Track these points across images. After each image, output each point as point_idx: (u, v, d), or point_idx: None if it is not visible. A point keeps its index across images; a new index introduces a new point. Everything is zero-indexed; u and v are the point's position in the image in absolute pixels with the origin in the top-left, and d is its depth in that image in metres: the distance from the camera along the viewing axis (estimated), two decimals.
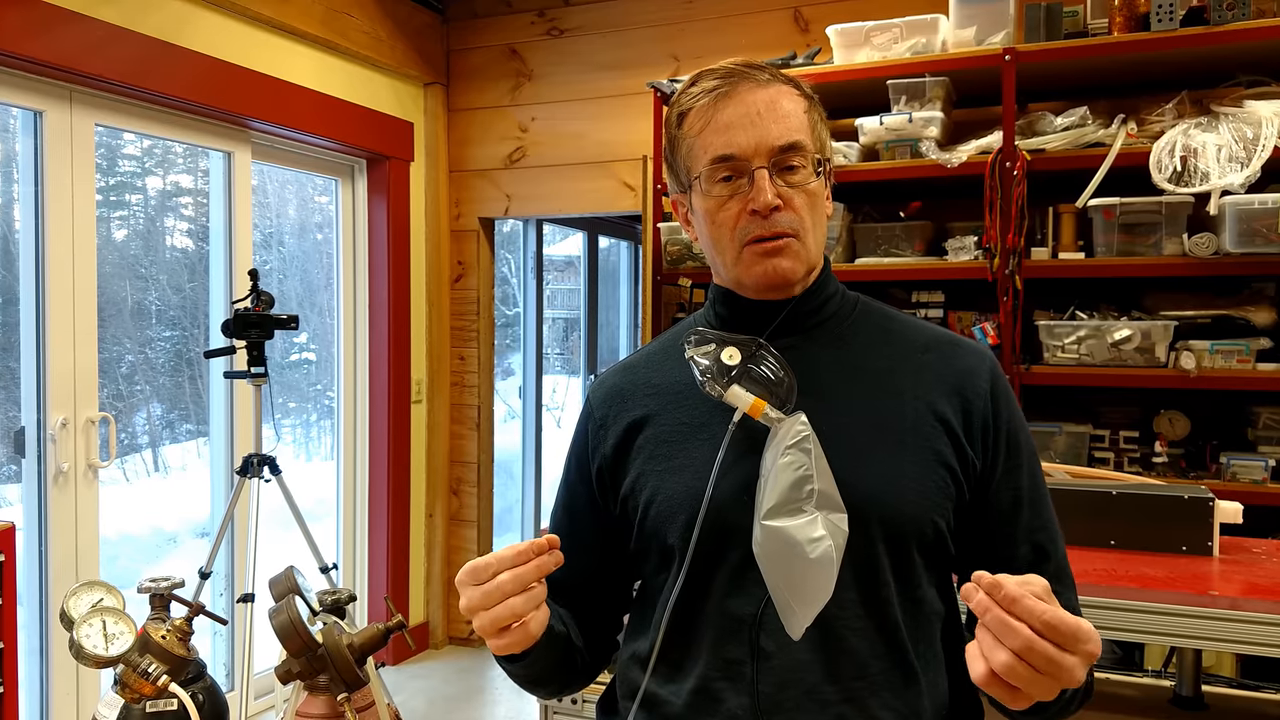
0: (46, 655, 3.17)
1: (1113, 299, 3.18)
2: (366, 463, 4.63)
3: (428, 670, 4.61)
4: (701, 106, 1.15)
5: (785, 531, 0.99)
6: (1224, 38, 2.86)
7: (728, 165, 1.13)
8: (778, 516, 1.00)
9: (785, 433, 1.03)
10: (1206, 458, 3.04)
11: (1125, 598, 1.69)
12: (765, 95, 1.13)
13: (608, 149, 4.51)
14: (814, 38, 3.98)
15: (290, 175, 4.50)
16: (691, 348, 1.13)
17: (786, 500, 1.00)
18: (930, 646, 1.14)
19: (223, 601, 3.87)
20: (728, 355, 1.11)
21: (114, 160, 3.82)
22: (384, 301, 4.58)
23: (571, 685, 1.27)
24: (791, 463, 1.01)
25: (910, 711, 1.10)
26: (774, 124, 1.12)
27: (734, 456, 1.11)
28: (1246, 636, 1.70)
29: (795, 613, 1.01)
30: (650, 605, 1.20)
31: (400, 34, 4.54)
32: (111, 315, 3.61)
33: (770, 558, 1.01)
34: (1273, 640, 1.62)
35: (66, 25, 3.07)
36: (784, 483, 1.01)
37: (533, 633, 1.03)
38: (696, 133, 1.16)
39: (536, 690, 1.26)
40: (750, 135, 1.12)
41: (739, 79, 1.14)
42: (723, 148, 1.13)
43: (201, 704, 1.37)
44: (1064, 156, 3.05)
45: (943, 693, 1.15)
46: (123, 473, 3.91)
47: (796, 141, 1.13)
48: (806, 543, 0.98)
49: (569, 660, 1.23)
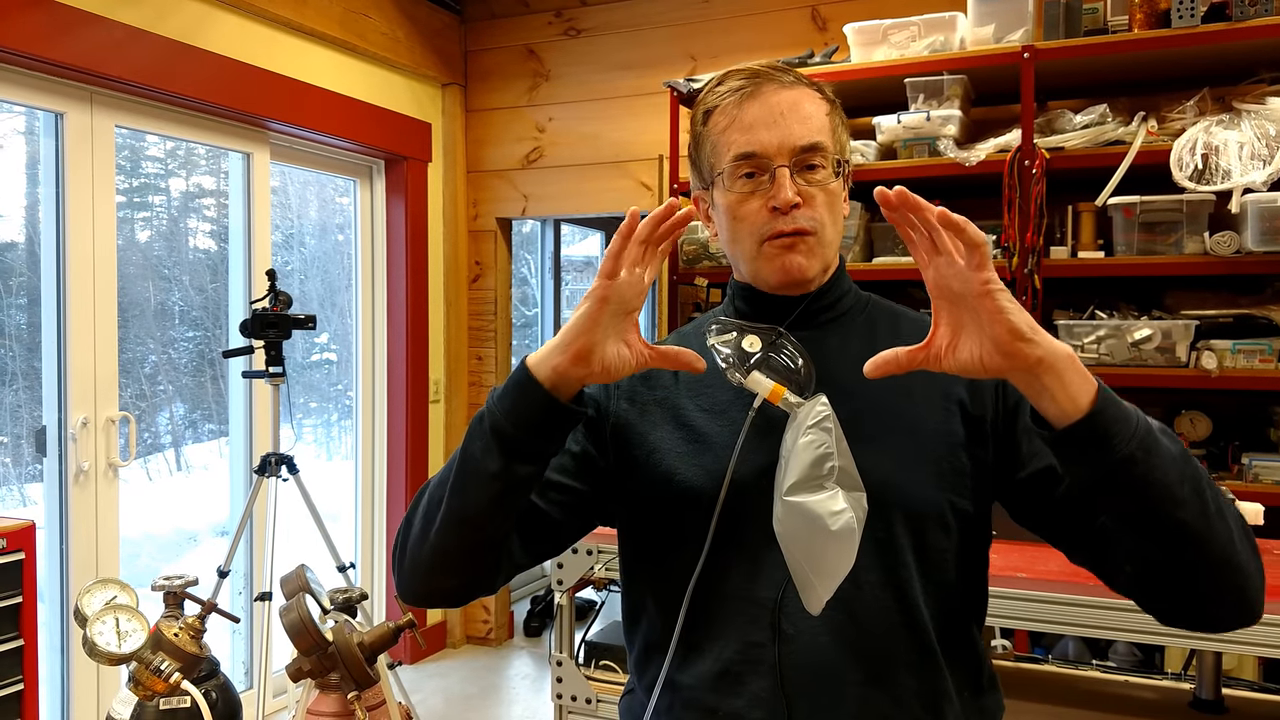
0: (68, 652, 3.20)
1: (1133, 298, 3.15)
2: (385, 462, 4.65)
3: (445, 669, 4.63)
4: (727, 105, 1.19)
5: (806, 506, 1.00)
6: (1246, 34, 2.83)
7: (750, 163, 1.16)
8: (799, 492, 1.01)
9: (806, 413, 1.05)
10: (1228, 458, 3.00)
11: None
12: (789, 96, 1.17)
13: (624, 149, 4.51)
14: (832, 36, 3.97)
15: (311, 176, 4.52)
16: (713, 336, 1.15)
17: (808, 477, 1.01)
18: (954, 628, 1.16)
19: (241, 600, 3.90)
20: (749, 343, 1.14)
21: (137, 162, 3.85)
22: (402, 301, 4.60)
23: (477, 571, 1.14)
24: (813, 441, 1.03)
25: (932, 692, 1.12)
26: (797, 124, 1.15)
27: (753, 441, 1.14)
28: (1268, 639, 1.68)
29: (815, 588, 1.02)
30: (655, 590, 1.20)
31: (418, 35, 4.56)
32: (134, 315, 3.64)
33: (791, 534, 1.02)
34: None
35: (87, 27, 3.09)
36: (805, 460, 1.02)
37: (600, 354, 1.03)
38: (721, 130, 1.19)
39: (463, 533, 1.10)
40: (773, 134, 1.15)
41: (764, 80, 1.18)
42: (746, 145, 1.16)
43: (214, 702, 1.38)
44: (1083, 155, 3.02)
45: (966, 674, 1.16)
46: (145, 472, 3.94)
47: (818, 142, 1.16)
48: (828, 515, 1.00)
49: (503, 534, 1.13)
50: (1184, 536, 0.95)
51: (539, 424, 1.05)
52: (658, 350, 1.06)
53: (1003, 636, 2.50)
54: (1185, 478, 0.95)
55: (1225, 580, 0.98)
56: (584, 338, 1.02)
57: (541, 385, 1.03)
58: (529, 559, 1.22)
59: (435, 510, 1.10)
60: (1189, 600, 1.01)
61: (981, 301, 0.90)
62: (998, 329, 0.91)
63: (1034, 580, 1.91)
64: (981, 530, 1.19)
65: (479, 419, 1.08)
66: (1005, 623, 1.94)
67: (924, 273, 0.95)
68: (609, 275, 1.01)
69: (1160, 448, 0.94)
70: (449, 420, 4.90)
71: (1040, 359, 0.91)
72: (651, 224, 1.01)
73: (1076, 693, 2.13)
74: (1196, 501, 0.95)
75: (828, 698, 1.09)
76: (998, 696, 1.22)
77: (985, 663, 1.21)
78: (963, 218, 0.90)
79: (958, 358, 0.95)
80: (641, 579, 1.24)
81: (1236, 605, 1.00)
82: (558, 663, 2.36)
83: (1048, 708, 2.07)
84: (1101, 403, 0.93)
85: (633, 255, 1.01)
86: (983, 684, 1.20)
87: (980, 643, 1.21)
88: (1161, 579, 1.01)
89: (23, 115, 3.25)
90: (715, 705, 1.14)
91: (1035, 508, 1.15)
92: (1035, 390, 0.94)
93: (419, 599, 1.17)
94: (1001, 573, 1.94)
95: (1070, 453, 0.95)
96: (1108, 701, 2.10)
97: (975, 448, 1.15)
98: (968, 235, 0.89)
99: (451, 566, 1.12)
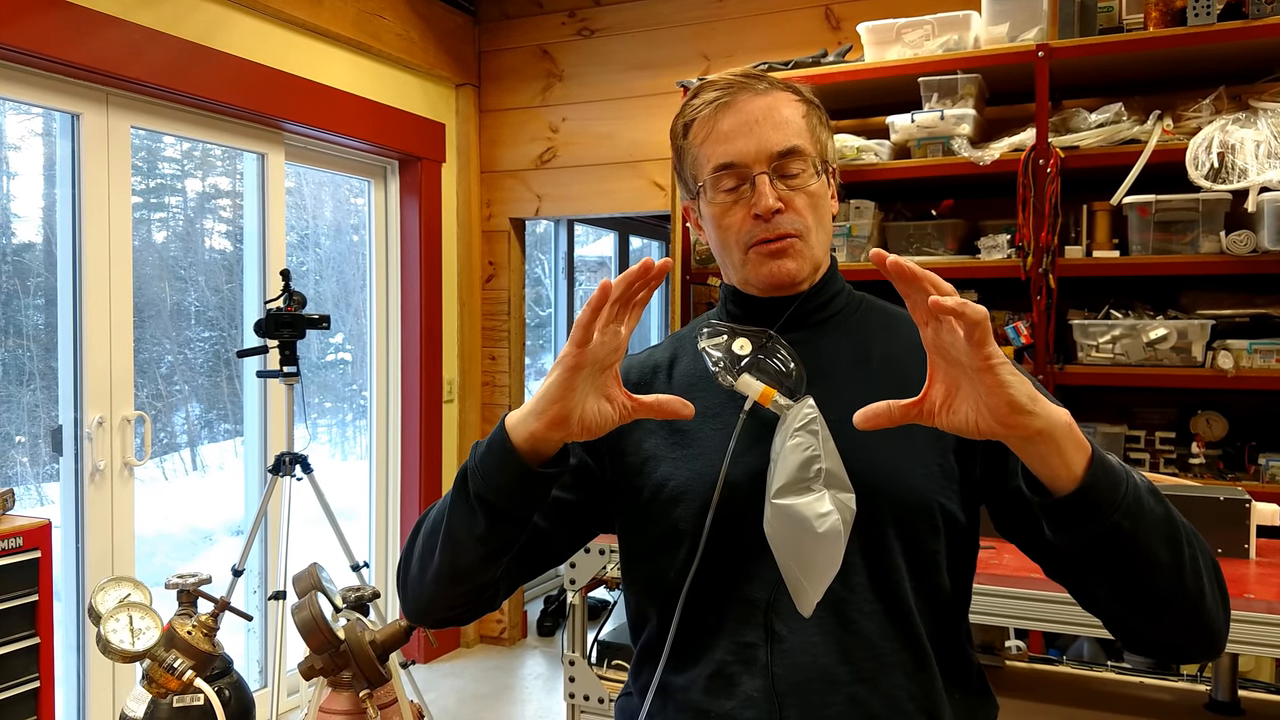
0: (83, 650, 3.22)
1: (1148, 298, 3.13)
2: (399, 461, 4.66)
3: (458, 668, 4.64)
4: (704, 117, 1.20)
5: (794, 509, 1.01)
6: (1263, 31, 2.81)
7: (730, 173, 1.18)
8: (786, 495, 1.02)
9: (794, 416, 1.05)
10: (1245, 459, 2.98)
11: None
12: (763, 103, 1.18)
13: (638, 149, 4.51)
14: (845, 35, 3.95)
15: (326, 177, 4.54)
16: (704, 339, 1.15)
17: (795, 480, 1.02)
18: (944, 629, 1.16)
19: (256, 599, 3.91)
20: (739, 346, 1.14)
21: (154, 163, 3.87)
22: (416, 301, 4.61)
23: (476, 603, 1.17)
24: (800, 444, 1.03)
25: (924, 693, 1.12)
26: (772, 131, 1.17)
27: (746, 444, 1.14)
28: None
29: (806, 590, 1.03)
30: (648, 595, 1.21)
31: (432, 35, 4.57)
32: (151, 316, 3.66)
33: (780, 536, 1.03)
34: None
35: (103, 29, 3.11)
36: (792, 463, 1.03)
37: (578, 416, 1.00)
38: (700, 142, 1.21)
39: (456, 582, 1.13)
40: (749, 142, 1.16)
41: (738, 89, 1.19)
42: (724, 156, 1.17)
43: (227, 699, 1.38)
44: (1098, 153, 3.01)
45: (956, 675, 1.17)
46: (161, 471, 3.96)
47: (795, 146, 1.17)
48: (814, 518, 1.00)
49: (498, 575, 1.15)
50: (1157, 596, 0.98)
51: (518, 490, 1.05)
52: (640, 402, 1.04)
53: (1017, 637, 2.49)
54: (1167, 539, 0.97)
55: (1191, 629, 1.01)
56: (558, 405, 1.00)
57: (519, 453, 1.03)
58: (530, 575, 1.25)
59: (429, 560, 1.13)
60: (1155, 641, 1.05)
61: (982, 376, 0.89)
62: (996, 400, 0.89)
63: (1048, 580, 1.90)
64: (970, 534, 1.19)
65: (463, 477, 1.08)
66: (1019, 623, 1.93)
67: (922, 331, 0.92)
68: (580, 344, 0.97)
69: (1146, 513, 0.96)
70: (462, 420, 4.91)
71: (1039, 430, 0.91)
72: (624, 284, 0.97)
73: (1091, 694, 2.12)
74: (1174, 565, 0.97)
75: (819, 698, 1.10)
76: (991, 698, 1.22)
77: (975, 664, 1.22)
78: (958, 299, 0.86)
79: (952, 419, 0.93)
80: (637, 583, 1.25)
81: (1200, 646, 1.04)
82: (570, 662, 2.37)
83: (1062, 709, 2.06)
84: (1094, 471, 0.94)
85: (605, 318, 0.98)
86: (972, 685, 1.20)
87: (969, 645, 1.21)
88: (1131, 622, 1.04)
89: (40, 117, 3.28)
90: (708, 707, 1.14)
91: (1017, 521, 1.16)
92: (1030, 456, 0.94)
93: (425, 625, 1.22)
94: (1016, 574, 1.93)
95: (1060, 521, 0.96)
96: (1123, 703, 2.08)
97: (965, 452, 1.15)
98: (967, 317, 0.86)
99: (449, 605, 1.17)
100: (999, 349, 0.89)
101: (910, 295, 0.91)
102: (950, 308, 0.85)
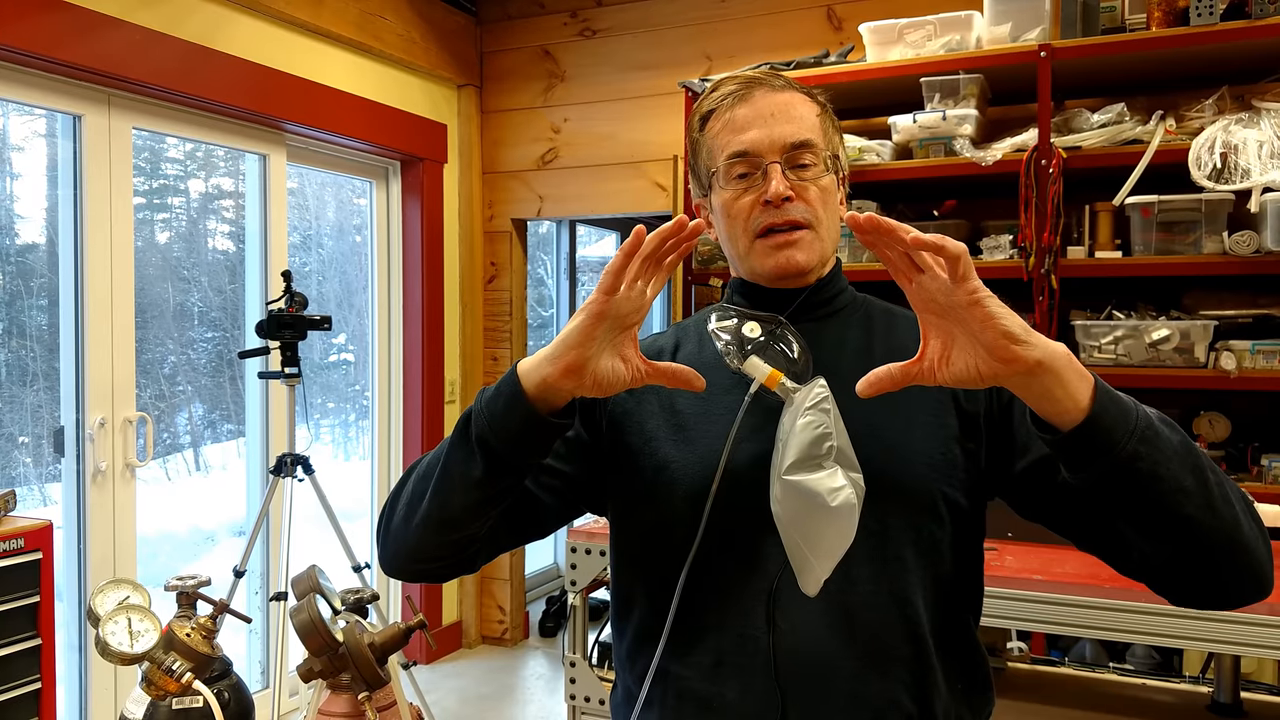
0: (85, 651, 3.22)
1: (1151, 298, 3.12)
2: (401, 462, 4.66)
3: (460, 669, 4.64)
4: (721, 109, 1.23)
5: (805, 484, 1.00)
6: (1266, 31, 2.80)
7: (743, 161, 1.20)
8: (798, 471, 1.01)
9: (805, 396, 1.05)
10: (1248, 460, 2.97)
11: (1162, 603, 1.66)
12: (779, 99, 1.21)
13: (639, 149, 4.50)
14: (847, 35, 3.95)
15: (329, 178, 4.54)
16: (714, 321, 1.16)
17: (807, 456, 1.01)
18: (948, 621, 1.16)
19: (258, 600, 3.91)
20: (748, 329, 1.14)
21: (157, 164, 3.87)
22: (418, 302, 4.61)
23: (457, 560, 1.17)
24: (811, 422, 1.02)
25: (924, 683, 1.12)
26: (787, 123, 1.19)
27: (749, 430, 1.14)
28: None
29: (813, 569, 1.02)
30: (647, 579, 1.20)
31: (434, 36, 4.57)
32: (154, 316, 3.66)
33: (789, 513, 1.02)
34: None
35: (105, 30, 3.11)
36: (804, 439, 1.02)
37: (593, 368, 1.00)
38: (715, 133, 1.23)
39: (442, 532, 1.12)
40: (763, 132, 1.19)
41: (756, 85, 1.22)
42: (738, 144, 1.20)
43: (226, 702, 1.38)
44: (1101, 154, 3.00)
45: (959, 668, 1.17)
46: (164, 472, 3.96)
47: (808, 139, 1.19)
48: (827, 492, 0.99)
49: (484, 530, 1.14)
50: (1191, 527, 0.95)
51: (523, 437, 1.04)
52: (655, 367, 1.04)
53: (1019, 639, 2.49)
54: (1189, 467, 0.94)
55: (1235, 562, 0.97)
56: (575, 351, 0.99)
57: (528, 398, 1.02)
58: (513, 541, 1.23)
59: (417, 504, 1.12)
60: (1201, 583, 1.01)
61: (970, 311, 0.88)
62: (990, 335, 0.89)
63: (1050, 582, 1.89)
64: (975, 524, 1.19)
65: (465, 420, 1.08)
66: (1022, 625, 1.93)
67: (906, 291, 0.93)
68: (608, 291, 0.98)
69: (1162, 439, 0.94)
70: None
71: (1039, 361, 0.90)
72: (658, 239, 0.98)
73: (1093, 695, 2.12)
74: (1201, 491, 0.94)
75: (820, 687, 1.10)
76: (989, 695, 1.22)
77: (982, 660, 1.21)
78: (937, 235, 0.88)
79: (952, 370, 0.93)
80: (634, 568, 1.24)
81: (1248, 583, 1.00)
82: (571, 663, 2.37)
83: (1064, 711, 2.06)
84: (1100, 400, 0.92)
85: (635, 271, 0.99)
86: (977, 680, 1.19)
87: (976, 639, 1.21)
88: (1172, 564, 1.01)
89: (43, 118, 3.28)
90: (709, 695, 1.14)
91: (1037, 498, 1.14)
92: (1035, 394, 0.93)
93: (399, 576, 1.21)
94: (1018, 575, 1.93)
95: (1075, 455, 0.94)
96: (1125, 705, 2.08)
97: (968, 441, 1.16)
98: (947, 250, 0.87)
99: (430, 557, 1.15)
100: (983, 284, 0.89)
101: (888, 249, 0.91)
102: (930, 242, 0.87)
